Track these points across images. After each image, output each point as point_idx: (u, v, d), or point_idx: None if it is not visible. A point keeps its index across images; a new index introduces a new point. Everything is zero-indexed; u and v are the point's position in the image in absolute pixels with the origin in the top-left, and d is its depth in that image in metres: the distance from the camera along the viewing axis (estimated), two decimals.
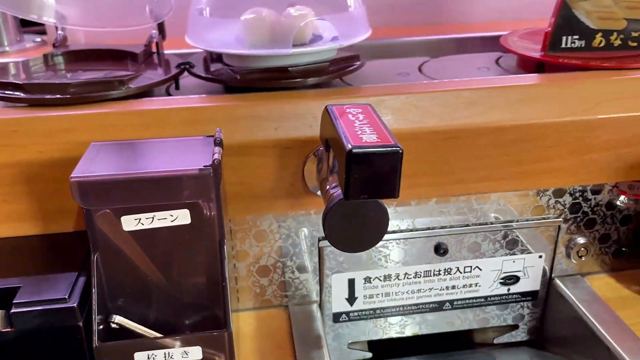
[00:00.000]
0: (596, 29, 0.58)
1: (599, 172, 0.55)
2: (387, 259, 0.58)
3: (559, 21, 0.58)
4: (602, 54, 0.59)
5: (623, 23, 0.58)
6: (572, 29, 0.59)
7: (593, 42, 0.59)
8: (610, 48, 0.59)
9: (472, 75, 0.61)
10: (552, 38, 0.59)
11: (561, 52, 0.59)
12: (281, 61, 0.54)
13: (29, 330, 0.42)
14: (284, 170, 0.51)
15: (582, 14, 0.57)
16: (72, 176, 0.40)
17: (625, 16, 0.58)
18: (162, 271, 0.46)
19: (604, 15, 0.58)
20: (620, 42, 0.59)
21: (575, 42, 0.58)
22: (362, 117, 0.41)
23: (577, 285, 0.61)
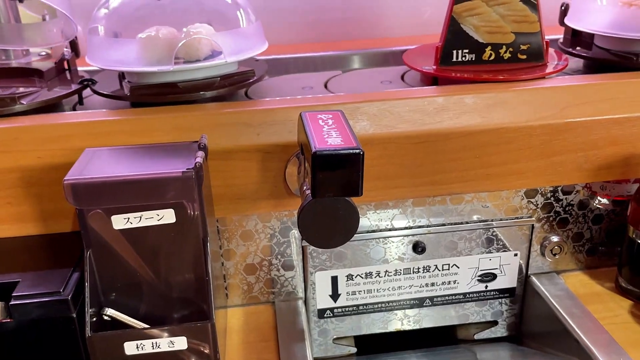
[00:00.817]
0: (485, 42, 0.60)
1: (567, 174, 0.58)
2: (368, 257, 0.61)
3: (449, 36, 0.60)
4: (493, 67, 0.60)
5: (511, 37, 0.60)
6: (462, 43, 0.60)
7: (483, 55, 0.60)
8: (501, 61, 0.61)
9: (375, 89, 0.61)
10: (443, 52, 0.60)
11: (453, 65, 0.61)
12: (174, 76, 0.57)
13: (27, 321, 0.46)
14: (267, 173, 0.54)
15: (470, 29, 0.59)
16: (66, 179, 0.44)
17: (513, 30, 0.59)
18: (151, 267, 0.49)
19: (492, 30, 0.59)
20: (509, 55, 0.60)
21: (466, 55, 0.60)
22: (331, 122, 0.45)
23: (552, 282, 0.64)
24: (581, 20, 0.66)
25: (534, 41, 0.60)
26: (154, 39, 0.56)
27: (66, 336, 0.47)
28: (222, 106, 0.56)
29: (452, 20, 0.59)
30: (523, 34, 0.60)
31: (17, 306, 0.45)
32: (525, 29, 0.60)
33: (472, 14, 0.59)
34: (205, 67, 0.57)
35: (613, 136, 0.57)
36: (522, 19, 0.59)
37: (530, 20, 0.59)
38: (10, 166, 0.51)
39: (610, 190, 0.62)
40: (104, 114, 0.55)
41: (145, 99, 0.57)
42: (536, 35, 0.60)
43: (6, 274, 0.48)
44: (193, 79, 0.57)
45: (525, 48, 0.60)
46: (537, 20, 0.59)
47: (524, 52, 0.60)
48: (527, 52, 0.60)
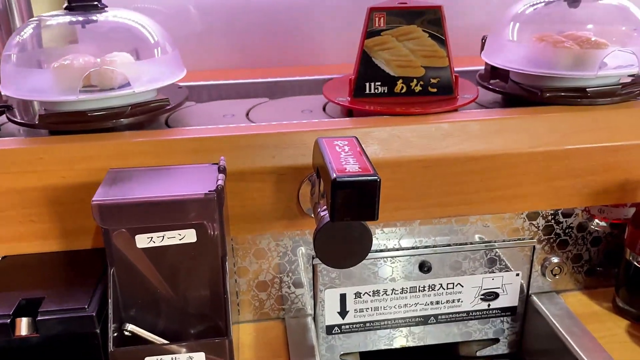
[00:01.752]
0: (397, 76, 0.62)
1: (567, 197, 0.61)
2: (376, 275, 0.63)
3: (361, 69, 0.61)
4: (405, 99, 0.62)
5: (421, 70, 0.62)
6: (374, 76, 0.62)
7: (395, 88, 0.62)
8: (412, 94, 0.62)
9: (295, 118, 0.62)
10: (356, 85, 0.62)
11: (366, 97, 0.63)
12: (85, 105, 0.57)
13: (52, 336, 0.47)
14: (281, 194, 0.57)
15: (382, 62, 0.61)
16: (94, 200, 0.46)
17: (422, 64, 0.61)
18: (171, 284, 0.51)
19: (402, 64, 0.61)
20: (420, 88, 0.62)
21: (378, 88, 0.62)
22: (347, 149, 0.47)
23: (552, 302, 0.66)
24: (492, 56, 0.67)
25: (443, 75, 0.62)
26: (65, 68, 0.57)
27: (89, 351, 0.48)
28: (239, 129, 0.58)
29: (364, 54, 0.61)
30: (433, 68, 0.62)
31: (43, 321, 0.47)
32: (434, 63, 0.62)
33: (383, 49, 0.61)
34: (113, 96, 0.57)
35: (609, 163, 0.60)
36: (431, 54, 0.61)
37: (439, 55, 0.61)
38: (34, 185, 0.53)
39: (608, 213, 0.65)
40: (127, 135, 0.57)
41: (53, 127, 0.57)
42: (445, 70, 0.62)
43: (32, 290, 0.50)
44: (104, 108, 0.57)
45: (435, 82, 0.62)
46: (445, 55, 0.61)
47: (435, 85, 0.62)
48: (438, 86, 0.62)
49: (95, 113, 0.57)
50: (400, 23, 0.60)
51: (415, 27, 0.60)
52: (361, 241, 0.47)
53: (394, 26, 0.60)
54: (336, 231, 0.46)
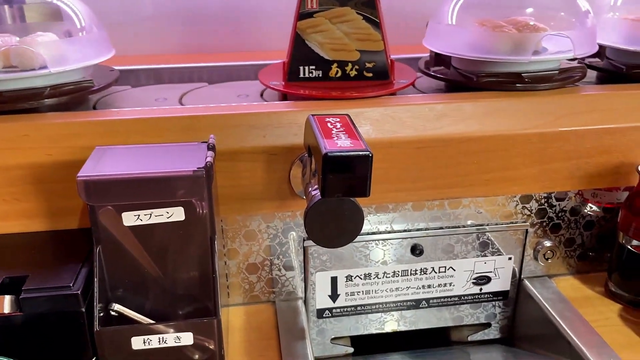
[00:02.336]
0: (331, 59, 0.60)
1: (561, 180, 0.60)
2: (367, 258, 0.63)
3: (294, 52, 0.60)
4: (340, 84, 0.60)
5: (356, 54, 0.60)
6: (308, 59, 0.60)
7: (330, 72, 0.60)
8: (348, 78, 0.61)
9: (229, 103, 0.60)
10: (290, 69, 0.60)
11: (300, 81, 0.61)
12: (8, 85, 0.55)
13: (36, 315, 0.46)
14: (272, 175, 0.56)
15: (315, 46, 0.59)
16: (79, 175, 0.45)
17: (357, 48, 0.59)
18: (158, 264, 0.50)
19: (336, 47, 0.59)
20: (356, 73, 0.60)
21: (312, 72, 0.60)
22: (339, 126, 0.46)
23: (544, 286, 0.66)
24: (433, 42, 0.66)
25: (379, 59, 0.60)
26: None
27: (74, 330, 0.48)
28: (230, 108, 0.57)
29: (297, 37, 0.59)
30: (368, 52, 0.60)
31: (27, 299, 0.46)
32: (369, 47, 0.60)
33: (316, 31, 0.59)
34: (29, 76, 0.55)
35: (604, 145, 0.60)
36: (366, 37, 0.59)
37: (374, 39, 0.59)
38: (19, 163, 0.52)
39: (601, 197, 0.65)
40: (114, 113, 0.56)
41: None
42: (380, 54, 0.60)
43: (16, 268, 0.49)
44: (23, 88, 0.55)
45: (370, 66, 0.60)
46: (380, 39, 0.59)
47: (370, 70, 0.61)
48: (373, 70, 0.61)
49: (12, 94, 0.55)
50: (334, 5, 0.58)
51: (349, 9, 0.58)
52: (353, 219, 0.46)
53: (327, 8, 0.58)
54: (327, 209, 0.46)
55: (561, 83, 0.61)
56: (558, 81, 0.61)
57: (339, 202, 0.45)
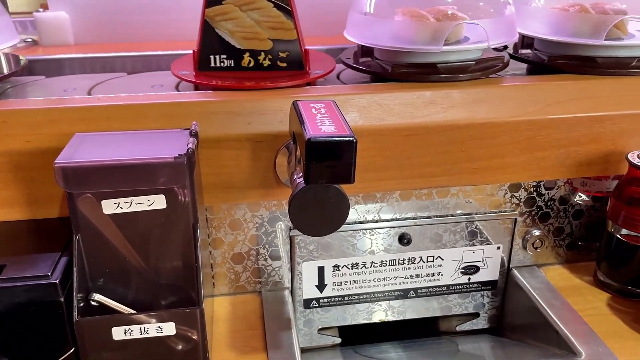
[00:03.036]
0: (243, 48, 0.58)
1: (550, 169, 0.60)
2: (355, 248, 0.62)
3: (204, 41, 0.58)
4: (254, 74, 0.59)
5: (269, 43, 0.58)
6: (219, 48, 0.58)
7: (242, 61, 0.58)
8: (261, 68, 0.59)
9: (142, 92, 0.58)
10: (200, 58, 0.58)
11: (212, 71, 0.59)
12: None
13: (14, 304, 0.45)
14: (257, 163, 0.55)
15: (226, 34, 0.57)
16: (56, 162, 0.43)
17: (270, 36, 0.58)
18: (140, 253, 0.49)
19: (247, 36, 0.57)
20: (269, 63, 0.59)
21: (224, 61, 0.58)
22: (324, 111, 0.45)
23: (533, 276, 0.65)
24: (349, 32, 0.64)
25: (292, 49, 0.59)
26: None
27: (53, 320, 0.47)
28: (214, 95, 0.56)
29: (206, 25, 0.57)
30: (281, 41, 0.58)
31: (4, 289, 0.45)
32: (282, 36, 0.58)
33: (226, 19, 0.57)
34: None
35: (594, 133, 0.59)
36: (278, 26, 0.58)
37: (286, 28, 0.58)
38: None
39: (590, 186, 0.64)
40: (94, 99, 0.55)
41: None
42: (294, 43, 0.58)
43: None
44: None
45: (284, 56, 0.59)
46: (293, 27, 0.58)
47: (284, 59, 0.59)
48: (287, 60, 0.59)
49: None
50: None
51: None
52: (338, 207, 0.45)
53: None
54: (312, 196, 0.45)
55: (479, 74, 0.60)
56: (476, 72, 0.59)
57: (324, 189, 0.44)
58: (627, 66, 0.61)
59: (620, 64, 0.62)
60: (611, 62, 0.62)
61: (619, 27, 0.62)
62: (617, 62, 0.62)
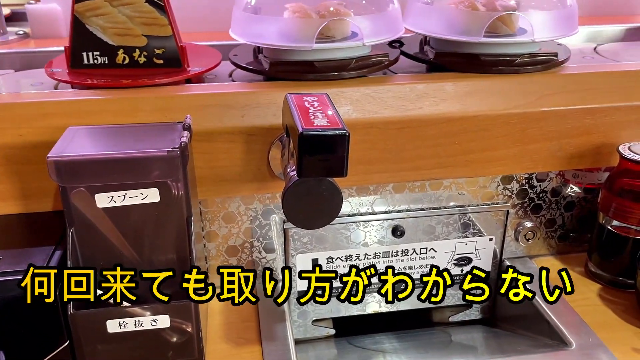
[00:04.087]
0: (116, 45, 0.56)
1: (542, 161, 0.60)
2: (348, 240, 0.62)
3: (75, 37, 0.55)
4: (130, 71, 0.57)
5: (143, 40, 0.56)
6: (91, 44, 0.56)
7: (116, 58, 0.56)
8: (137, 65, 0.57)
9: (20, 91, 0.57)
10: (72, 54, 0.57)
11: (85, 68, 0.57)
12: None
13: (8, 298, 0.45)
14: (250, 156, 0.55)
15: (97, 30, 0.55)
16: (49, 156, 0.43)
17: (143, 33, 0.56)
18: (134, 246, 0.49)
19: (120, 32, 0.55)
20: (145, 60, 0.57)
21: (97, 58, 0.56)
22: (317, 105, 0.45)
23: (525, 267, 0.66)
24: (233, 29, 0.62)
25: (168, 45, 0.57)
26: None
27: (48, 313, 0.47)
28: (207, 87, 0.56)
29: (76, 20, 0.55)
30: (156, 37, 0.57)
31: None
32: (156, 32, 0.56)
33: (97, 14, 0.55)
34: None
35: (586, 125, 0.59)
36: (151, 22, 0.56)
37: (160, 24, 0.56)
38: None
39: (582, 178, 0.65)
40: (87, 93, 0.55)
41: None
42: (169, 40, 0.57)
43: None
44: None
45: (160, 52, 0.57)
46: (167, 23, 0.56)
47: (160, 56, 0.57)
48: (163, 57, 0.57)
49: None
50: None
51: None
52: (331, 200, 0.45)
53: None
54: (305, 190, 0.45)
55: (360, 72, 0.58)
56: (355, 70, 0.58)
57: (317, 182, 0.44)
58: (510, 63, 0.59)
59: (503, 62, 0.59)
60: (493, 59, 0.60)
61: (507, 24, 0.60)
62: (500, 59, 0.60)
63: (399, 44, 0.68)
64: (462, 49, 0.61)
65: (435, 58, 0.62)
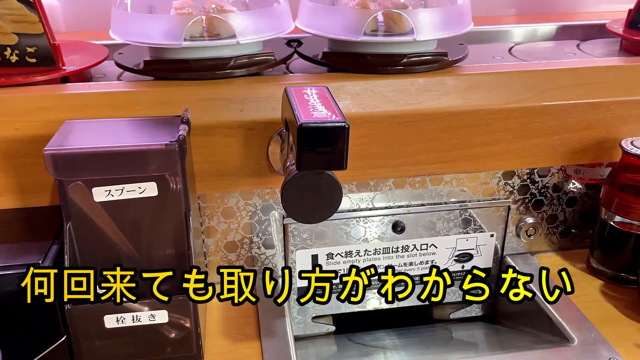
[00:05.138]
0: None
1: (544, 156, 0.59)
2: (348, 236, 0.62)
3: None
4: (4, 70, 0.55)
5: (14, 38, 0.54)
6: None
7: None
8: (9, 64, 0.55)
9: None
10: None
11: None
12: None
13: (5, 293, 0.45)
14: (249, 150, 0.54)
15: None
16: (46, 149, 0.43)
17: (14, 30, 0.54)
18: (132, 240, 0.49)
19: None
20: (17, 58, 0.55)
21: None
22: (316, 97, 0.45)
23: (527, 263, 0.65)
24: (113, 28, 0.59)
25: (40, 44, 0.55)
26: None
27: (45, 309, 0.46)
28: (205, 82, 0.55)
29: None
30: (27, 35, 0.54)
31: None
32: (27, 29, 0.54)
33: None
34: None
35: (588, 120, 0.59)
36: (21, 19, 0.54)
37: (31, 21, 0.54)
38: None
39: (584, 173, 0.64)
40: (84, 86, 0.54)
41: None
42: (41, 37, 0.54)
43: None
44: None
45: (32, 51, 0.55)
46: (38, 21, 0.54)
47: (32, 55, 0.55)
48: (36, 55, 0.55)
49: None
50: None
51: None
52: (330, 194, 0.45)
53: None
54: (304, 183, 0.44)
55: (235, 72, 0.56)
56: (235, 69, 0.56)
57: (317, 176, 0.44)
58: (396, 63, 0.57)
59: (390, 62, 0.57)
60: (379, 59, 0.57)
61: (397, 23, 0.57)
62: (387, 58, 0.57)
63: (297, 43, 0.65)
64: (348, 48, 0.59)
65: (322, 57, 0.60)
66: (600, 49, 0.73)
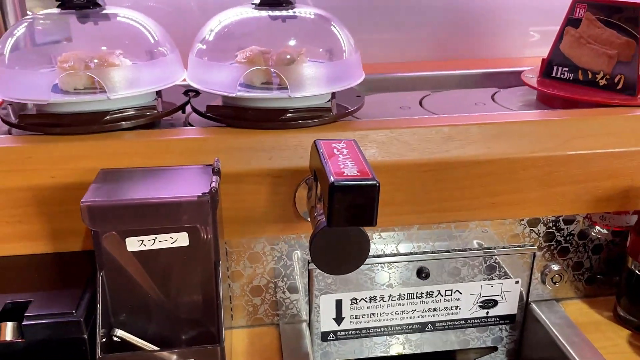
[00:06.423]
0: None
1: (569, 204, 0.59)
2: (373, 281, 0.62)
3: None
4: None
5: None
6: None
7: None
8: None
9: None
10: None
11: None
12: None
13: (38, 342, 0.46)
14: (276, 197, 0.55)
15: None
16: (83, 201, 0.44)
17: None
18: (162, 289, 0.50)
19: None
20: None
21: None
22: (345, 152, 0.46)
23: (552, 310, 0.65)
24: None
25: None
26: None
27: (77, 357, 0.47)
28: (236, 131, 0.56)
29: None
30: None
31: (29, 326, 0.46)
32: None
33: None
34: None
35: (613, 169, 0.59)
36: None
37: None
38: (22, 185, 0.52)
39: (610, 220, 0.64)
40: (120, 135, 0.56)
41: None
42: None
43: (18, 292, 0.48)
44: None
45: None
46: None
47: None
48: None
49: None
50: None
51: None
52: (359, 247, 0.46)
53: None
54: (333, 236, 0.45)
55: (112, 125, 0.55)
56: (109, 123, 0.55)
57: (346, 230, 0.44)
58: (275, 118, 0.56)
59: (270, 116, 0.56)
60: (262, 113, 0.57)
61: (280, 78, 0.56)
62: (267, 113, 0.57)
63: (194, 94, 0.65)
64: (234, 102, 0.59)
65: (207, 110, 0.59)
66: (516, 98, 0.74)
